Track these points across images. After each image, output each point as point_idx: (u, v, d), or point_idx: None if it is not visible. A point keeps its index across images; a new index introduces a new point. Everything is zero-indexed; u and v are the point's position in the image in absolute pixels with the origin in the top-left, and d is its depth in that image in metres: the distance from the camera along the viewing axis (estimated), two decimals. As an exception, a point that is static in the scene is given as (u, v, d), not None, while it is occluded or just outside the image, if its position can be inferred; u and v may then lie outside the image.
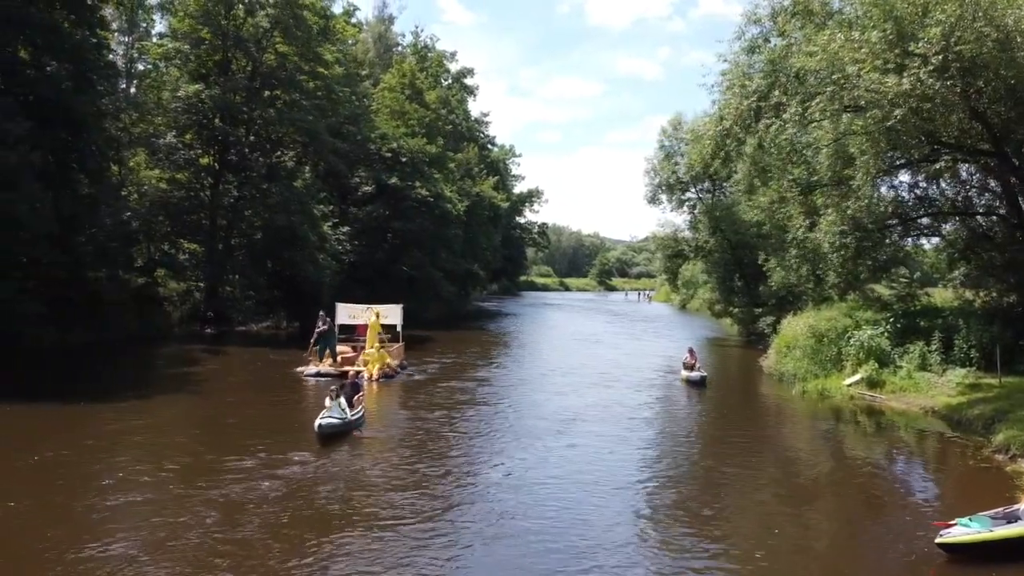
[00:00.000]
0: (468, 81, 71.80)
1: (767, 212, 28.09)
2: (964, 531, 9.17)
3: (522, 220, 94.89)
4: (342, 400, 15.05)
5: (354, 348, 24.24)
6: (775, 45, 21.14)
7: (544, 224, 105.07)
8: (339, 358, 23.44)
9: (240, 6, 36.12)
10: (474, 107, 76.24)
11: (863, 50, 16.29)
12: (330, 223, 42.95)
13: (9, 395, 17.83)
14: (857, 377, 21.09)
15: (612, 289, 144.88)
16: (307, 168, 41.13)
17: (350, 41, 51.54)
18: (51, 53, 27.02)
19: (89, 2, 28.77)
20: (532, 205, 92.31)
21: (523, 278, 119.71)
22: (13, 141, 23.66)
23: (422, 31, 69.37)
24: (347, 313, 25.39)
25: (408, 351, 26.29)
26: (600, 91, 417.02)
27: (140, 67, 39.87)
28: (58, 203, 25.75)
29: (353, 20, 57.10)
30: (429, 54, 65.14)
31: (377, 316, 24.27)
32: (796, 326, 25.41)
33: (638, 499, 11.60)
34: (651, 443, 15.74)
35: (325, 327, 23.19)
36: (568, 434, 15.75)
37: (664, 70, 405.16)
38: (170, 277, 36.70)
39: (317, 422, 13.96)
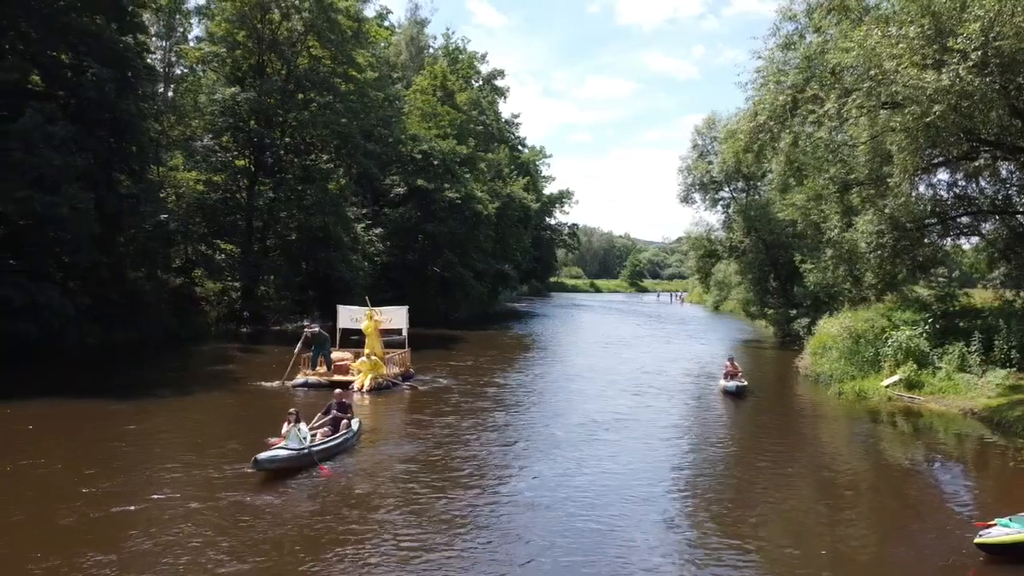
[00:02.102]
0: (498, 83, 72.10)
1: (802, 211, 27.75)
2: (1004, 531, 9.02)
3: (552, 221, 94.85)
4: (302, 427, 12.73)
5: (355, 355, 21.84)
6: (811, 41, 20.90)
7: (575, 225, 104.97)
8: (332, 366, 21.56)
9: (275, 10, 36.66)
10: (505, 109, 76.54)
11: (900, 45, 16.05)
12: (363, 224, 43.47)
13: (54, 392, 18.39)
14: (895, 378, 20.74)
15: (644, 291, 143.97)
16: (341, 170, 41.61)
17: (382, 44, 52.04)
18: (93, 57, 27.70)
19: (128, 7, 29.47)
20: (563, 206, 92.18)
21: (553, 279, 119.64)
22: (56, 143, 24.30)
23: (453, 33, 69.87)
24: (349, 316, 22.99)
25: (434, 351, 26.05)
26: (632, 91, 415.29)
27: (178, 71, 40.72)
28: (100, 204, 26.39)
29: (386, 23, 57.79)
30: (460, 56, 65.47)
31: (371, 318, 21.50)
32: (832, 327, 25.05)
33: (671, 508, 11.17)
34: (683, 449, 15.26)
35: (314, 330, 21.45)
36: (596, 443, 15.05)
37: (698, 69, 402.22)
38: (207, 277, 37.39)
39: (256, 456, 11.58)
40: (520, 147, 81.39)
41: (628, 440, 15.42)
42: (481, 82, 69.09)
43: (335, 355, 22.00)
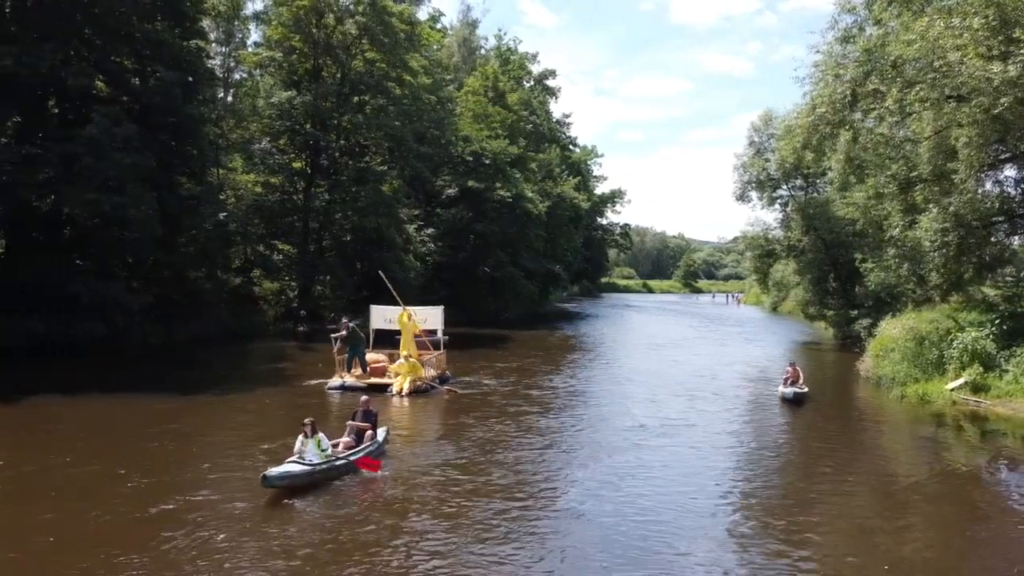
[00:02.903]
0: (549, 83, 71.98)
1: (863, 209, 26.95)
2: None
3: (604, 221, 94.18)
4: (322, 438, 11.66)
5: (390, 356, 21.19)
6: (871, 34, 20.32)
7: (627, 225, 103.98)
8: (368, 368, 20.79)
9: (330, 14, 37.34)
10: (556, 108, 76.37)
11: (964, 36, 15.48)
12: (415, 225, 43.96)
13: (113, 389, 19.11)
14: (960, 381, 19.97)
15: (698, 291, 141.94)
16: (394, 172, 42.17)
17: (435, 46, 52.51)
18: (156, 63, 28.69)
19: (190, 14, 30.42)
20: (614, 206, 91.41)
21: (605, 279, 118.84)
22: (122, 146, 25.22)
23: (505, 34, 70.10)
24: (382, 316, 22.24)
25: (481, 351, 25.83)
26: (685, 89, 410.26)
27: (236, 76, 41.82)
28: (162, 205, 27.30)
29: (438, 26, 58.26)
30: (511, 57, 65.61)
31: (409, 317, 20.71)
32: (895, 328, 24.25)
33: (725, 518, 10.65)
34: (737, 457, 14.60)
35: (346, 332, 20.53)
36: (645, 449, 14.41)
37: (754, 66, 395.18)
38: (265, 277, 38.33)
39: (265, 472, 10.58)
40: (571, 147, 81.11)
41: (679, 447, 14.83)
42: (532, 82, 69.10)
43: (369, 357, 21.21)
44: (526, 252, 49.56)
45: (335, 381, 19.88)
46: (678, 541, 9.65)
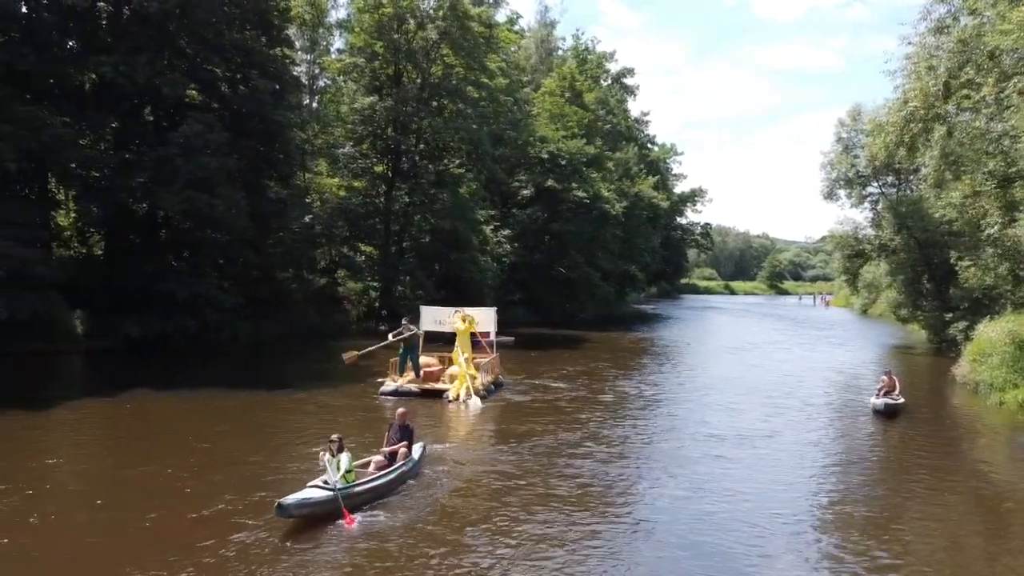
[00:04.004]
0: (628, 81, 71.34)
1: (959, 208, 25.67)
2: None
3: (683, 220, 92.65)
4: (343, 459, 10.28)
5: (441, 360, 20.46)
6: (965, 24, 19.36)
7: (707, 224, 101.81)
8: (422, 372, 19.81)
9: (411, 20, 38.16)
10: (634, 106, 75.52)
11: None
12: (491, 226, 44.43)
13: (207, 385, 20.10)
14: (1066, 389, 18.80)
15: (784, 293, 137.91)
16: (471, 174, 42.76)
17: (512, 48, 52.87)
18: (245, 70, 30.04)
19: (276, 22, 31.69)
20: (694, 205, 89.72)
21: (684, 281, 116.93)
22: (213, 150, 26.54)
23: (583, 34, 69.89)
24: (433, 318, 21.26)
25: (552, 353, 25.36)
26: (770, 84, 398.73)
27: (321, 83, 43.25)
28: (251, 207, 28.56)
29: (515, 28, 58.60)
30: (589, 56, 65.39)
31: (466, 321, 20.07)
32: (993, 331, 22.99)
33: (807, 537, 9.96)
34: (822, 470, 13.59)
35: (408, 333, 19.63)
36: (721, 461, 13.58)
37: (841, 60, 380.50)
38: (348, 277, 39.54)
39: (280, 500, 9.31)
40: (649, 145, 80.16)
41: (759, 459, 13.92)
42: (610, 81, 68.69)
43: (421, 360, 20.19)
44: (602, 252, 49.31)
45: (388, 385, 19.17)
46: (759, 561, 9.08)
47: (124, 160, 26.95)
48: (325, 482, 9.92)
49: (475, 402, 17.97)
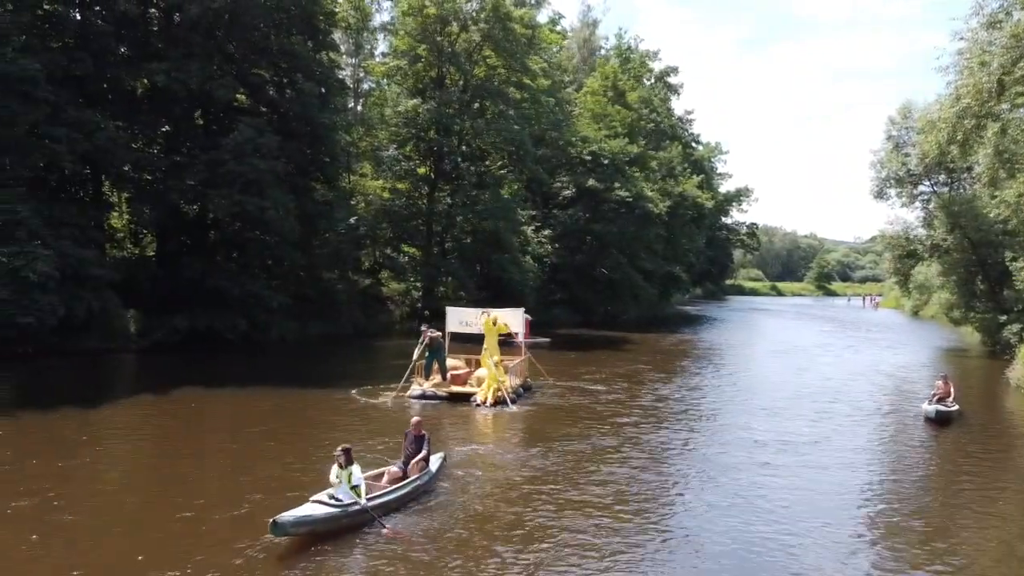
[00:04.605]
0: (672, 79, 70.63)
1: (1014, 206, 24.83)
2: None
3: (729, 220, 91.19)
4: (355, 471, 9.62)
5: (468, 363, 20.11)
6: (1019, 19, 18.77)
7: (754, 224, 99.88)
8: (448, 375, 19.36)
9: (454, 23, 38.47)
10: (678, 105, 74.71)
11: None
12: (532, 227, 44.50)
13: (256, 381, 20.54)
14: None
15: (832, 294, 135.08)
16: (512, 175, 42.91)
17: (554, 48, 52.85)
18: (293, 74, 30.66)
19: (323, 27, 32.26)
20: (740, 204, 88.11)
21: (730, 281, 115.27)
22: (264, 153, 27.17)
23: (625, 33, 69.44)
24: (458, 319, 20.85)
25: (592, 354, 24.79)
26: (817, 81, 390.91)
27: (365, 86, 43.87)
28: (298, 209, 29.14)
29: (558, 28, 58.57)
30: (632, 55, 64.97)
31: (495, 322, 19.54)
32: (1050, 335, 22.28)
33: (854, 549, 9.49)
34: (869, 479, 12.97)
35: (434, 335, 19.14)
36: (765, 469, 13.02)
37: (890, 57, 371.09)
38: (392, 278, 40.05)
39: (275, 518, 8.54)
40: (694, 144, 79.18)
41: (803, 467, 13.35)
42: (653, 80, 68.11)
43: (448, 363, 19.71)
44: (645, 253, 48.94)
45: (414, 389, 18.64)
46: (796, 570, 8.70)
47: (175, 163, 27.81)
48: (331, 496, 9.31)
49: (509, 406, 17.61)
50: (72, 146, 23.55)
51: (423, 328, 19.56)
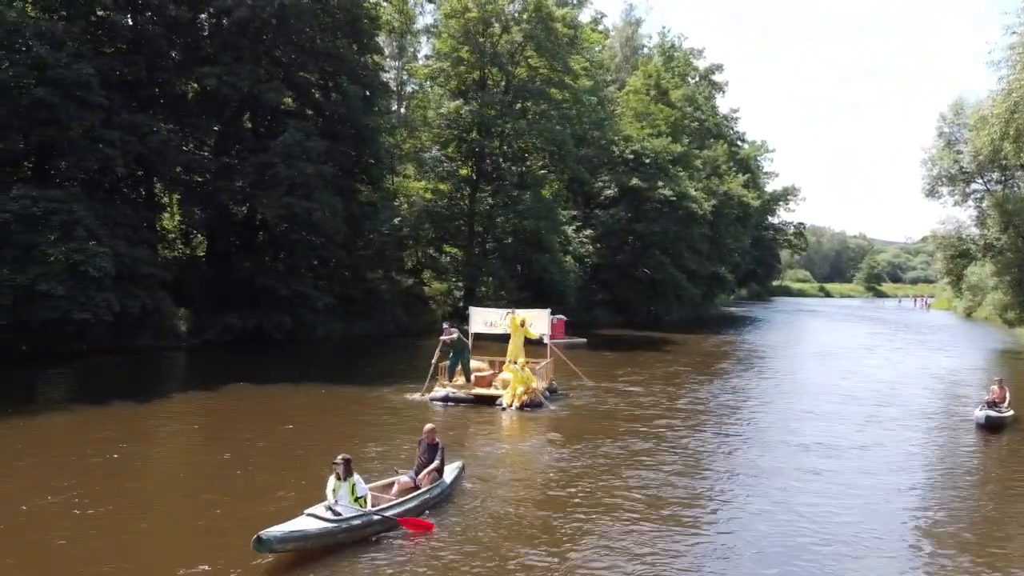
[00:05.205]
0: (716, 77, 69.88)
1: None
2: None
3: (775, 220, 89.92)
4: (358, 482, 9.11)
5: (491, 364, 19.51)
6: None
7: (801, 224, 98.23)
8: (473, 377, 18.74)
9: (497, 24, 38.68)
10: (723, 103, 73.85)
11: None
12: (573, 227, 44.48)
13: (301, 379, 20.94)
14: None
15: (882, 295, 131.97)
16: (553, 175, 42.95)
17: (597, 48, 52.74)
18: (338, 78, 31.19)
19: (367, 30, 32.76)
20: (787, 204, 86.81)
21: (776, 282, 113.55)
22: (312, 156, 27.70)
23: (668, 31, 68.94)
24: (482, 319, 20.51)
25: (633, 355, 24.27)
26: (865, 77, 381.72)
27: (409, 88, 44.38)
28: (344, 210, 29.63)
29: (600, 27, 58.42)
30: (675, 54, 64.48)
31: (522, 323, 19.12)
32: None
33: (903, 561, 9.06)
34: (918, 487, 12.46)
35: (453, 336, 18.56)
36: (808, 475, 12.49)
37: (941, 51, 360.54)
38: (434, 278, 40.45)
39: (260, 533, 7.88)
40: (739, 142, 78.19)
41: (849, 473, 12.81)
42: (698, 78, 67.47)
43: (472, 364, 19.13)
44: (689, 253, 48.49)
45: (438, 391, 17.98)
46: None
47: (224, 165, 28.51)
48: (328, 508, 8.71)
49: (546, 405, 17.39)
50: (126, 149, 24.33)
51: (444, 326, 19.16)
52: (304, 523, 8.36)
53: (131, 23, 27.28)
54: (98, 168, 24.78)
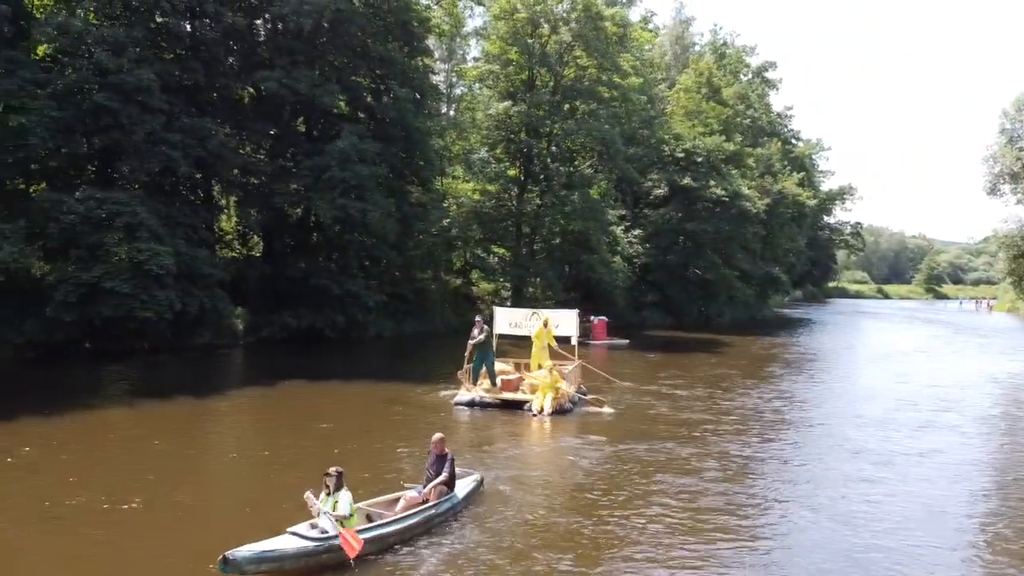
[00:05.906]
0: (770, 75, 68.70)
1: None
2: None
3: (832, 220, 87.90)
4: (343, 498, 8.17)
5: (517, 367, 18.64)
6: None
7: (858, 224, 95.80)
8: (499, 381, 17.80)
9: (545, 24, 38.71)
10: (777, 101, 72.55)
11: None
12: (622, 227, 44.25)
13: (351, 376, 21.37)
14: None
15: (943, 297, 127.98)
16: (601, 175, 42.78)
17: (647, 47, 52.33)
18: (389, 81, 31.66)
19: (418, 33, 33.16)
20: (844, 203, 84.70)
21: (832, 284, 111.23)
22: (366, 158, 28.20)
23: (720, 28, 68.02)
24: (507, 320, 19.78)
25: (682, 357, 23.47)
26: (924, 72, 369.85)
27: (458, 91, 44.75)
28: (397, 211, 30.09)
29: (650, 26, 57.98)
30: (727, 51, 63.57)
31: (545, 324, 18.48)
32: None
33: (969, 573, 8.70)
34: (980, 496, 11.97)
35: (481, 336, 17.76)
36: (863, 484, 11.91)
37: (1004, 46, 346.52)
38: (482, 278, 40.72)
39: (226, 553, 7.09)
40: (794, 140, 76.68)
41: (907, 483, 12.23)
42: (751, 75, 66.41)
43: (496, 367, 18.30)
44: (742, 253, 47.76)
45: (462, 395, 17.16)
46: None
47: (280, 168, 29.18)
48: (313, 526, 7.98)
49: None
50: (186, 152, 25.09)
51: (477, 319, 18.47)
52: (282, 541, 7.60)
53: (189, 29, 28.02)
54: (159, 171, 25.55)
